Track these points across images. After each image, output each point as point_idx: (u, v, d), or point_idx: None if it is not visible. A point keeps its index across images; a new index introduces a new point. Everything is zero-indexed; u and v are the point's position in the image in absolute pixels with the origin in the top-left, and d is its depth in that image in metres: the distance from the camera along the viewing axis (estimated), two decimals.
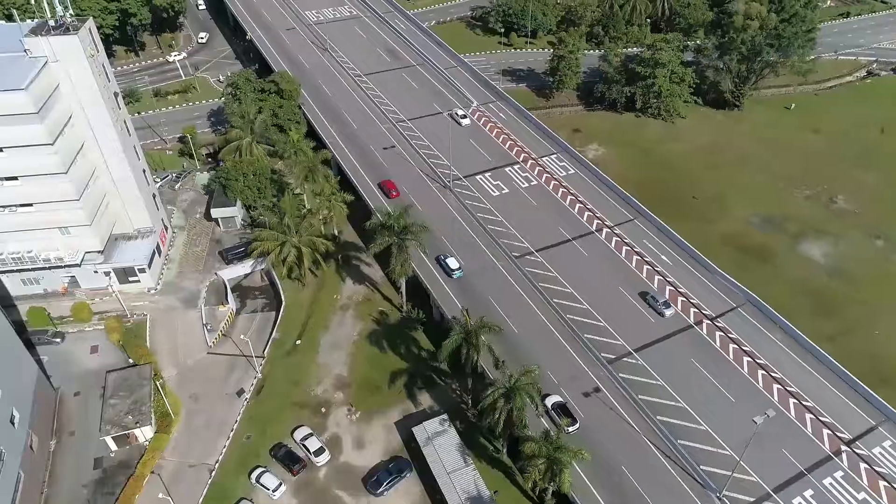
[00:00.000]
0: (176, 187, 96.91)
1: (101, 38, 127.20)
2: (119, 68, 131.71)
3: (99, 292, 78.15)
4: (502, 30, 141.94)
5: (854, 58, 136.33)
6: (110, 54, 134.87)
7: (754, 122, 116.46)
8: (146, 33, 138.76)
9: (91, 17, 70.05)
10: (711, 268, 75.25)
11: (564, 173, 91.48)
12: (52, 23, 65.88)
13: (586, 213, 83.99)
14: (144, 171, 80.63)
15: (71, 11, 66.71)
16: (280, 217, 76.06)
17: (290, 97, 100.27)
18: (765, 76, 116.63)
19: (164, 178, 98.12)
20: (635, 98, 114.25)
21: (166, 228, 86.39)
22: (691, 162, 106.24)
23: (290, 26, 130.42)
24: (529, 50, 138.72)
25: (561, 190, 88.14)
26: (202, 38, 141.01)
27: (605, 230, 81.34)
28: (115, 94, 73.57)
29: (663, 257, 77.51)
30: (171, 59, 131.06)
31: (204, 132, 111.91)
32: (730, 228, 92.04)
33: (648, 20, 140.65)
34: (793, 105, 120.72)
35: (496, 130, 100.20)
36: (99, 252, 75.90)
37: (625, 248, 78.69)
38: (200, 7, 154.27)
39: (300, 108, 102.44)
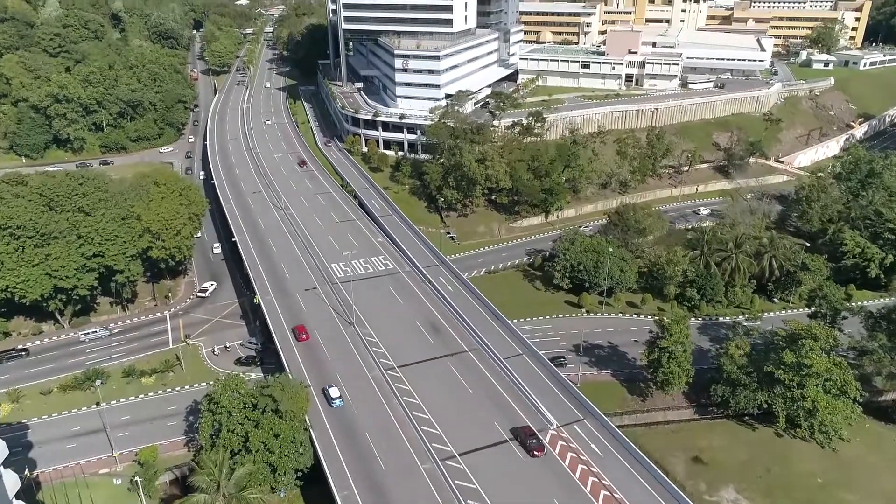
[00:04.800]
0: None
1: (77, 295, 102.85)
2: (96, 330, 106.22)
3: None
4: (569, 286, 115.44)
5: None
6: (90, 309, 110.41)
7: None
8: (140, 281, 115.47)
9: None
10: None
11: None
12: None
13: None
14: None
15: None
16: None
17: (292, 417, 70.17)
18: None
19: None
20: (773, 409, 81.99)
21: None
22: None
23: (311, 285, 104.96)
24: (607, 316, 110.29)
25: None
26: (202, 292, 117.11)
27: None
28: None
29: None
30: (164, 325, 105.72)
31: (174, 442, 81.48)
32: None
33: (752, 280, 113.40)
34: None
35: (591, 479, 66.89)
36: None
37: None
38: (216, 251, 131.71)
39: (307, 430, 71.88)
